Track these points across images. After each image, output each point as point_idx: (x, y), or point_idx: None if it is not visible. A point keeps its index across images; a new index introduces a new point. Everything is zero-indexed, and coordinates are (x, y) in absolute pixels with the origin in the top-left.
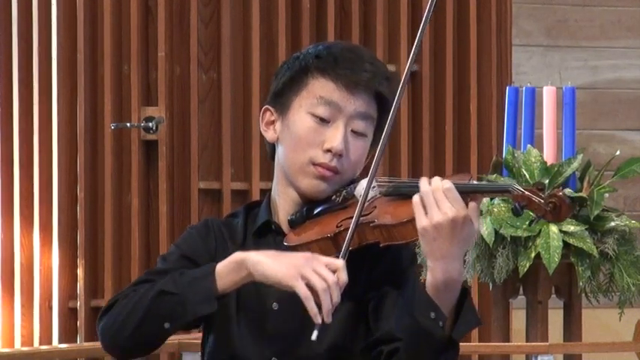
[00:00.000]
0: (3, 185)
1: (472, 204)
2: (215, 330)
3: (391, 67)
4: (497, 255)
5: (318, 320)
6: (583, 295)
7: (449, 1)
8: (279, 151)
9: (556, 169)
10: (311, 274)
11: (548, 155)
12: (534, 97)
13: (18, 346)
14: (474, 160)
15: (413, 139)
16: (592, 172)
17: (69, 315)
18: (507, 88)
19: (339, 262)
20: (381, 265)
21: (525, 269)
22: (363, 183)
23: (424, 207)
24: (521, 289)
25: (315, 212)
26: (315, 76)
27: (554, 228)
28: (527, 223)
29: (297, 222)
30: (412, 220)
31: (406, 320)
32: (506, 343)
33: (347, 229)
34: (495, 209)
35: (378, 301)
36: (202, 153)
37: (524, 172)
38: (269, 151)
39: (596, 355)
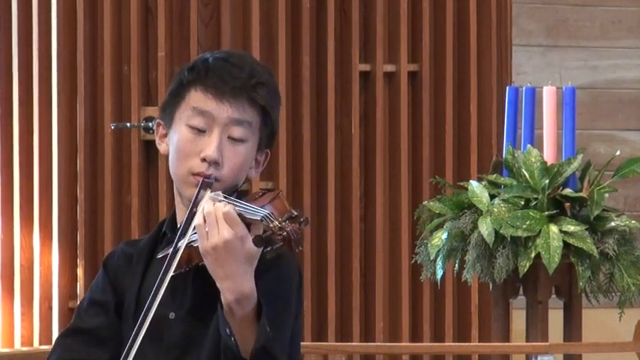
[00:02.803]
0: (3, 185)
1: (253, 227)
2: (123, 343)
3: (391, 67)
4: (497, 255)
5: None
6: (583, 295)
7: (449, 1)
8: (169, 165)
9: (556, 169)
10: None
11: (548, 155)
12: (534, 97)
13: (18, 346)
14: (473, 160)
15: (413, 139)
16: (592, 172)
17: (69, 315)
18: (507, 88)
19: None
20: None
21: (525, 269)
22: (210, 195)
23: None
24: (521, 289)
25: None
26: (189, 89)
27: (554, 228)
28: (527, 223)
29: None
30: None
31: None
32: (506, 343)
33: (188, 245)
34: (495, 209)
35: None
36: None
37: (524, 172)
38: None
39: (596, 355)
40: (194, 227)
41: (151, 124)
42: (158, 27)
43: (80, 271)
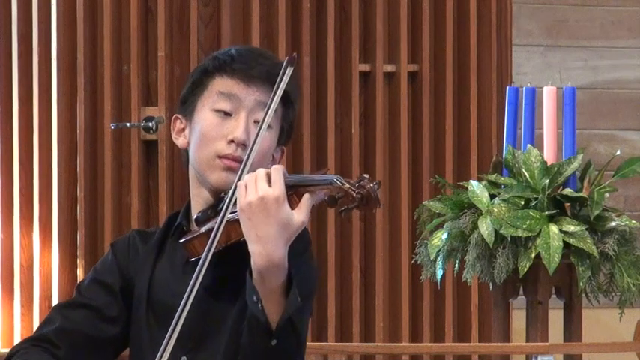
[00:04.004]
0: (3, 185)
1: (305, 195)
2: (131, 332)
3: (391, 67)
4: (497, 255)
5: None
6: (583, 295)
7: (449, 1)
8: (190, 154)
9: (556, 169)
10: None
11: (548, 155)
12: (534, 97)
13: None
14: (473, 160)
15: (413, 139)
16: (592, 172)
17: None
18: (507, 88)
19: None
20: None
21: (525, 269)
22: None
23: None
24: (521, 289)
25: (217, 209)
26: (214, 76)
27: (554, 228)
28: (527, 223)
29: (201, 220)
30: None
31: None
32: (506, 343)
33: (228, 221)
34: (495, 209)
35: None
36: None
37: (524, 172)
38: (184, 160)
39: (596, 355)
40: (233, 204)
41: (150, 124)
42: (158, 27)
43: (80, 271)
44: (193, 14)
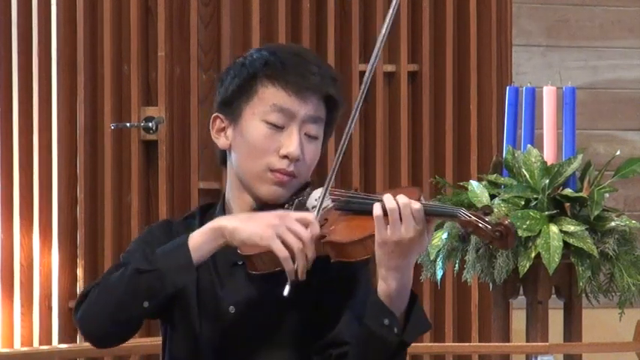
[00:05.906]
0: (3, 185)
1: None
2: (178, 330)
3: (391, 67)
4: (497, 255)
5: (292, 277)
6: (583, 295)
7: (449, 1)
8: (233, 158)
9: (556, 169)
10: (287, 234)
11: (548, 155)
12: (534, 97)
13: (18, 346)
14: (473, 160)
15: (413, 139)
16: (592, 172)
17: (69, 315)
18: (507, 88)
19: (311, 217)
20: (333, 269)
21: (525, 269)
22: (316, 194)
23: (388, 221)
24: (521, 289)
25: None
26: (265, 84)
27: (554, 228)
28: (527, 223)
29: None
30: (363, 240)
31: (356, 326)
32: (506, 343)
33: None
34: (495, 209)
35: (329, 305)
36: (202, 153)
37: (524, 172)
38: (219, 157)
39: (596, 355)
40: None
41: (150, 124)
42: (158, 27)
43: (80, 271)
44: (193, 14)
